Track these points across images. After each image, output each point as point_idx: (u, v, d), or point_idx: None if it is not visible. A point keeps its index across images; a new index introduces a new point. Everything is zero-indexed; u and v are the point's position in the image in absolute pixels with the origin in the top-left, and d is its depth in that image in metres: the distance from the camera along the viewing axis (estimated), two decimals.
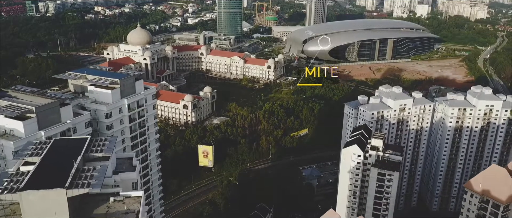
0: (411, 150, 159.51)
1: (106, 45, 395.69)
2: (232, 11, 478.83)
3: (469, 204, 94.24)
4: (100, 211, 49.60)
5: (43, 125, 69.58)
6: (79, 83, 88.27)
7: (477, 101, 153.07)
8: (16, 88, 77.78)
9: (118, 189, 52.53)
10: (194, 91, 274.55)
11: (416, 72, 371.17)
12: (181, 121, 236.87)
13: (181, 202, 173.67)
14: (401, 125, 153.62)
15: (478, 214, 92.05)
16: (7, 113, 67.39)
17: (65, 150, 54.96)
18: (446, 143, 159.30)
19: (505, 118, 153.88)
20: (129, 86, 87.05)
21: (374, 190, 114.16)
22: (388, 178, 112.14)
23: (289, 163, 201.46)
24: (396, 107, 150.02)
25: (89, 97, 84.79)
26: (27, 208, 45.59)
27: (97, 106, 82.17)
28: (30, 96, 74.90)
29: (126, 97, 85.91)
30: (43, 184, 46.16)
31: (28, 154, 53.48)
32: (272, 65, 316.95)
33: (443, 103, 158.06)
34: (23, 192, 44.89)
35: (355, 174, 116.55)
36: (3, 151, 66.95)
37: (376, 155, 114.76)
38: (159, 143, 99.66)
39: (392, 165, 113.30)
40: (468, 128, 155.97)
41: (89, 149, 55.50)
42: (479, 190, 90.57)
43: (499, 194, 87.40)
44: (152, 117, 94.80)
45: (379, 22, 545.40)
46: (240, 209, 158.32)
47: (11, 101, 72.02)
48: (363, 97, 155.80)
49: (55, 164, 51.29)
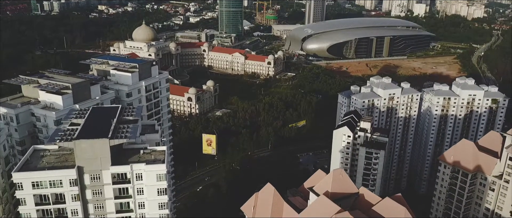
0: (400, 136, 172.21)
1: (111, 42, 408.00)
2: (233, 10, 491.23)
3: (443, 174, 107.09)
4: (133, 159, 62.74)
5: (77, 100, 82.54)
6: (102, 68, 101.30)
7: (460, 91, 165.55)
8: (51, 71, 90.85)
9: (146, 144, 65.67)
10: (197, 86, 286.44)
11: (411, 69, 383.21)
12: (186, 112, 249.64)
13: (187, 186, 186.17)
14: (390, 113, 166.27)
15: (450, 182, 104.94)
16: (48, 89, 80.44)
17: (102, 114, 68.09)
18: (432, 129, 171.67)
19: (486, 107, 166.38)
20: (146, 71, 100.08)
21: (362, 167, 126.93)
22: (375, 156, 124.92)
23: (288, 152, 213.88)
24: (385, 96, 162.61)
25: (111, 79, 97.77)
26: (79, 153, 58.81)
27: (119, 87, 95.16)
28: (64, 77, 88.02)
29: (143, 79, 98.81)
30: (90, 136, 59.32)
31: (73, 117, 66.60)
32: (272, 61, 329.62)
33: (429, 93, 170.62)
34: (77, 140, 58.07)
35: (345, 153, 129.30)
36: (45, 120, 79.95)
37: (365, 136, 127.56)
38: (171, 122, 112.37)
39: (379, 145, 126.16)
40: (453, 116, 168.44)
41: (122, 114, 68.52)
42: (451, 162, 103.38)
43: (468, 164, 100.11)
44: (165, 99, 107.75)
45: (376, 20, 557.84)
46: (241, 191, 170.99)
47: (49, 80, 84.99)
48: (356, 87, 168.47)
49: (97, 123, 64.47)
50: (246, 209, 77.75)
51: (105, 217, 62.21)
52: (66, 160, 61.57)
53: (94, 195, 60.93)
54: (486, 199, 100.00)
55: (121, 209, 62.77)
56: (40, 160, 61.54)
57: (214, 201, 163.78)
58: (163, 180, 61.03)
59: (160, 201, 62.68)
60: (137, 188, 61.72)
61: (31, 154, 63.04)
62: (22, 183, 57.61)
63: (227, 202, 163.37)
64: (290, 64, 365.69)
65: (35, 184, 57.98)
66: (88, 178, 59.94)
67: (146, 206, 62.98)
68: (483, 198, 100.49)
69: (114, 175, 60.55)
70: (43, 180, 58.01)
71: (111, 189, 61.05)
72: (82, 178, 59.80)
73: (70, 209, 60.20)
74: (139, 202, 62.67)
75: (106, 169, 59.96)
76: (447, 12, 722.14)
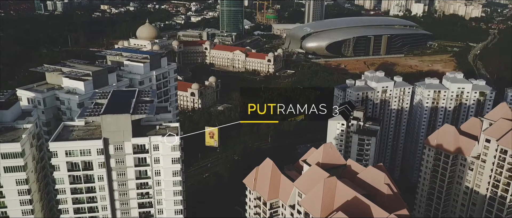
0: (393, 127, 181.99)
1: (114, 41, 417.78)
2: (234, 9, 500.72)
3: (427, 156, 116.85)
4: (150, 133, 72.59)
5: (97, 86, 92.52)
6: (116, 59, 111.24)
7: (450, 84, 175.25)
8: (71, 61, 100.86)
9: (161, 121, 75.55)
10: (200, 82, 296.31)
11: (408, 66, 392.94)
12: (189, 107, 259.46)
13: (191, 175, 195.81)
14: (383, 105, 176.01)
15: (434, 164, 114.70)
16: (71, 75, 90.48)
17: (122, 96, 78.03)
18: (424, 121, 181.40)
19: (474, 99, 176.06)
20: (156, 61, 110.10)
21: (355, 153, 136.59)
22: (367, 142, 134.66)
23: (287, 143, 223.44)
24: (379, 88, 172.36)
25: (124, 69, 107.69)
26: (105, 126, 68.72)
27: (132, 76, 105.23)
28: (84, 66, 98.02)
29: (154, 69, 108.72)
30: (114, 111, 69.21)
31: (97, 98, 76.47)
32: (272, 58, 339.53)
33: (421, 86, 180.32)
34: (103, 115, 67.95)
35: (339, 140, 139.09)
36: (69, 104, 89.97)
37: (357, 124, 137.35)
38: (179, 110, 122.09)
39: (371, 132, 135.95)
40: (443, 108, 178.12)
41: (139, 96, 78.36)
42: (434, 144, 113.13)
43: (449, 146, 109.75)
44: (173, 88, 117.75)
45: (374, 19, 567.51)
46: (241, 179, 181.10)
47: (71, 68, 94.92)
48: (351, 81, 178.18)
49: (118, 102, 74.35)
50: (247, 181, 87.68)
51: (126, 182, 72.08)
52: (92, 134, 71.46)
53: (117, 163, 70.88)
54: (466, 179, 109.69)
55: (140, 176, 72.81)
56: (70, 133, 71.37)
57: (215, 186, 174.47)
58: (177, 150, 71.03)
59: (174, 168, 72.79)
60: (154, 157, 71.72)
61: (62, 129, 72.87)
62: (57, 151, 67.57)
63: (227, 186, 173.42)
64: (289, 62, 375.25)
65: (67, 153, 67.89)
66: (112, 148, 69.85)
67: (161, 173, 72.98)
68: (463, 177, 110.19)
69: (134, 146, 70.52)
70: (75, 149, 67.92)
71: (132, 158, 71.03)
72: (107, 148, 69.71)
73: (96, 175, 70.17)
74: (155, 170, 72.80)
75: (128, 141, 69.88)
76: (445, 11, 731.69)
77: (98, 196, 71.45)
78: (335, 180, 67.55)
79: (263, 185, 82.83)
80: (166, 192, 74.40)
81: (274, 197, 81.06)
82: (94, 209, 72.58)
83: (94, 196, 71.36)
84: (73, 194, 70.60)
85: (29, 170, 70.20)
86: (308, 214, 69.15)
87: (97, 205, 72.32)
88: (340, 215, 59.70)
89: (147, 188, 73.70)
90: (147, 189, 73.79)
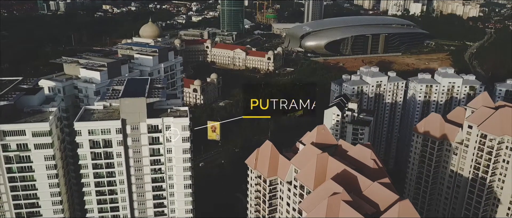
0: (388, 120, 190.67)
1: (117, 40, 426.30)
2: (234, 9, 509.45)
3: (416, 143, 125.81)
4: (163, 115, 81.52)
5: (111, 76, 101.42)
6: (126, 53, 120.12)
7: (441, 79, 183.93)
8: (87, 53, 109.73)
9: (172, 105, 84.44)
10: (202, 79, 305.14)
11: (405, 64, 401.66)
12: (191, 103, 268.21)
13: (194, 167, 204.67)
14: (378, 99, 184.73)
15: (421, 150, 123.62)
16: (88, 66, 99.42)
17: (136, 83, 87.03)
18: (417, 114, 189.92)
19: (464, 93, 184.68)
20: (164, 55, 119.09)
21: (350, 142, 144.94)
22: (360, 132, 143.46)
23: (286, 137, 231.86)
24: (373, 83, 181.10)
25: (135, 62, 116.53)
26: (123, 108, 77.58)
27: (142, 68, 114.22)
28: (99, 58, 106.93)
29: (162, 62, 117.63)
30: (131, 95, 78.12)
31: (115, 84, 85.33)
32: (272, 57, 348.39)
33: (414, 81, 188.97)
34: (121, 98, 76.90)
35: (335, 130, 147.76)
36: (86, 92, 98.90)
37: (352, 115, 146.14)
38: (183, 101, 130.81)
39: (364, 122, 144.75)
40: (435, 102, 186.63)
41: (152, 83, 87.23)
42: (422, 131, 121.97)
43: (436, 133, 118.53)
44: (179, 80, 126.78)
45: (372, 18, 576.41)
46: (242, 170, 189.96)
47: (87, 60, 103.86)
48: (347, 76, 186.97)
49: (134, 88, 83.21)
50: (249, 162, 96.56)
51: (141, 159, 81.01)
52: (111, 116, 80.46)
53: (134, 142, 79.90)
54: (451, 163, 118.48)
55: (153, 153, 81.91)
56: (91, 115, 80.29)
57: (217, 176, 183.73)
58: (187, 130, 79.95)
59: (184, 146, 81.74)
60: (166, 137, 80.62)
61: (84, 112, 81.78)
62: (81, 130, 76.44)
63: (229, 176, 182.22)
64: (289, 60, 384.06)
65: (90, 131, 76.82)
66: (129, 128, 78.79)
67: (173, 151, 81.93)
68: (449, 161, 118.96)
69: (149, 126, 79.55)
70: (96, 128, 76.87)
71: (146, 137, 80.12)
72: (125, 128, 78.67)
73: (115, 152, 79.16)
74: (167, 148, 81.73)
75: (143, 121, 78.89)
76: (443, 11, 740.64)
77: (116, 171, 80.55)
78: (326, 156, 76.29)
79: (263, 164, 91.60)
80: (176, 167, 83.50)
81: (273, 175, 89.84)
82: (112, 183, 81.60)
83: (112, 171, 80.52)
84: (94, 169, 79.64)
85: (56, 148, 78.93)
86: (303, 186, 77.91)
87: (115, 180, 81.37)
88: (330, 183, 68.37)
89: (160, 164, 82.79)
90: (160, 165, 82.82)
